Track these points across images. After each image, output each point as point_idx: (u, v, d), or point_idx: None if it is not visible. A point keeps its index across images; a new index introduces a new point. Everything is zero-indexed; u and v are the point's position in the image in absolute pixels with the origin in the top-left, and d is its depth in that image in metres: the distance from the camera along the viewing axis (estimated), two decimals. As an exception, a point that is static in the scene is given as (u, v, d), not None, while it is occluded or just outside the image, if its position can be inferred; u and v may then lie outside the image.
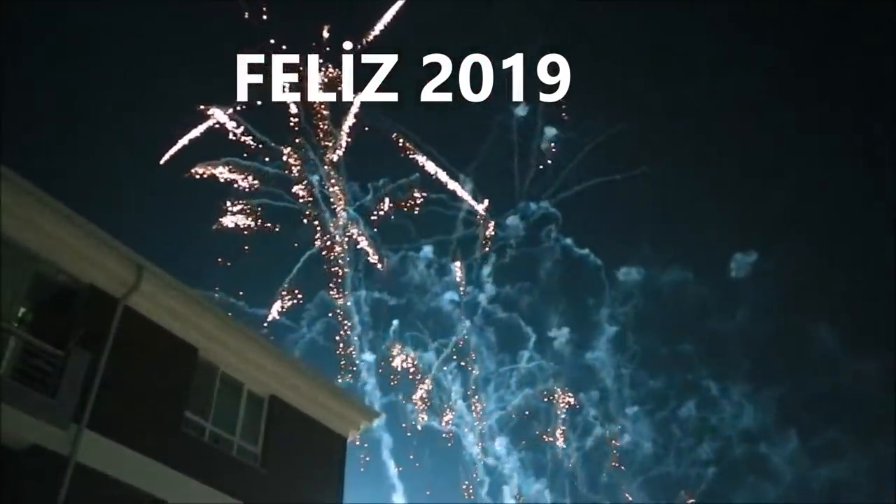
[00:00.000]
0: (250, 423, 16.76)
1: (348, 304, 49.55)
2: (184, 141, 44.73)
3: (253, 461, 16.33)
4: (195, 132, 44.87)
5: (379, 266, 50.52)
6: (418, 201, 49.69)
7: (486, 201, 51.60)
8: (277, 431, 17.05)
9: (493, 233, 52.62)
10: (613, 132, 52.24)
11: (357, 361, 49.03)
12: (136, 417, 14.19)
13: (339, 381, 43.70)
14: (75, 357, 13.27)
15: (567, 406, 51.38)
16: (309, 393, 18.23)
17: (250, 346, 17.30)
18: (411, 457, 49.39)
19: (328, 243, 48.98)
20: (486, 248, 52.80)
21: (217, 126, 45.32)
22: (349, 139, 48.24)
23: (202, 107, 44.89)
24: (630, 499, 51.16)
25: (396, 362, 49.32)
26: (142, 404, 14.41)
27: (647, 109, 56.51)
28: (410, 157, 48.75)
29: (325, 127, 48.12)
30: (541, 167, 54.11)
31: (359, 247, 49.69)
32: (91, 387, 13.47)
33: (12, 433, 12.33)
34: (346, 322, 49.37)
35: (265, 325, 46.79)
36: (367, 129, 48.13)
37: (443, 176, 49.28)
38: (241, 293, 45.95)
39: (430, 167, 49.01)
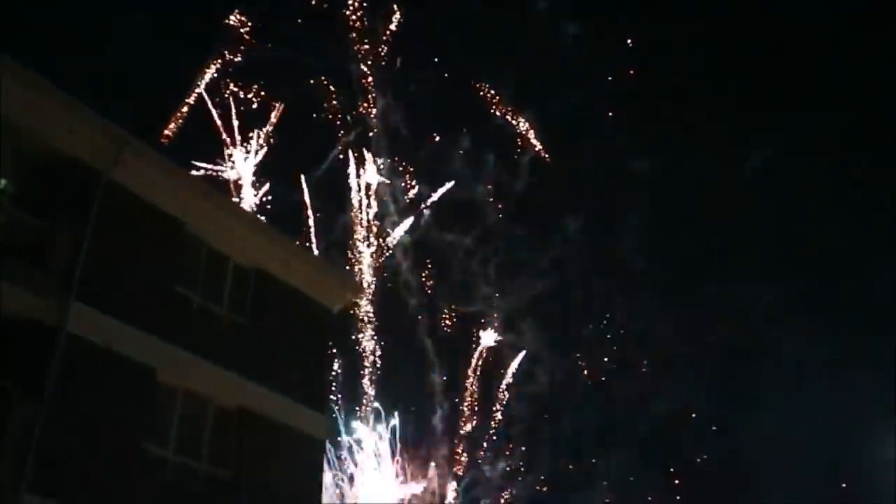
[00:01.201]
0: (237, 295, 17.05)
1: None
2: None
3: (241, 332, 16.74)
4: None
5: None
6: None
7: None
8: (264, 303, 17.39)
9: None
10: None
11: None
12: (125, 289, 14.42)
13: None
14: (61, 230, 13.35)
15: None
16: (294, 265, 18.49)
17: (236, 219, 17.44)
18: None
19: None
20: None
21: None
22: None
23: None
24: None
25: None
26: (130, 276, 14.61)
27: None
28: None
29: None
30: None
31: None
32: (78, 259, 13.63)
33: (3, 305, 12.56)
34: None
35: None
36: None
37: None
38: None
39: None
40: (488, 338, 49.67)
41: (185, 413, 15.05)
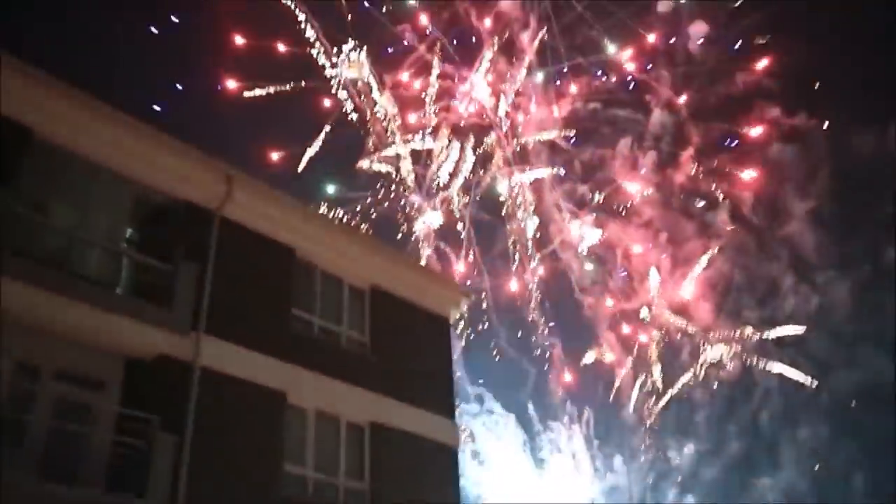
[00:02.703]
0: (355, 314, 17.47)
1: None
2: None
3: (362, 349, 17.14)
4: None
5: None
6: None
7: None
8: (382, 319, 17.75)
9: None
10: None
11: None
12: (248, 319, 15.03)
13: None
14: (183, 269, 14.03)
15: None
16: (407, 279, 18.84)
17: (345, 240, 17.89)
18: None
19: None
20: None
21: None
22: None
23: None
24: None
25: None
26: (251, 306, 15.21)
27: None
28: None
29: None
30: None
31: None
32: (202, 295, 14.29)
33: (138, 345, 13.33)
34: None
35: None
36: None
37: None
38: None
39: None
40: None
41: (318, 432, 15.51)
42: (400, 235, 46.68)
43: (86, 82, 13.98)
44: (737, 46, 48.77)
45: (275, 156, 46.13)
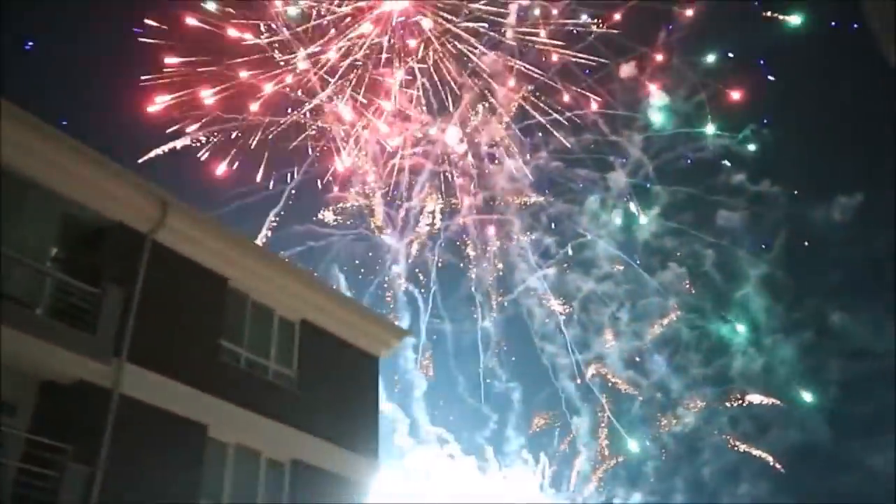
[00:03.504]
0: (284, 347, 17.22)
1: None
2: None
3: (289, 384, 16.86)
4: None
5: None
6: None
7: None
8: (310, 354, 17.52)
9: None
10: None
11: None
12: (174, 348, 14.66)
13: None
14: (110, 293, 13.64)
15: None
16: (338, 315, 18.64)
17: (278, 272, 17.65)
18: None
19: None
20: None
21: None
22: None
23: None
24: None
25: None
26: (177, 335, 14.85)
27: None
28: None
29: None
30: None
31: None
32: (127, 321, 13.89)
33: (57, 369, 12.86)
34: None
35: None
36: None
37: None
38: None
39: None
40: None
41: (237, 467, 15.12)
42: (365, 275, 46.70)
43: (23, 98, 13.63)
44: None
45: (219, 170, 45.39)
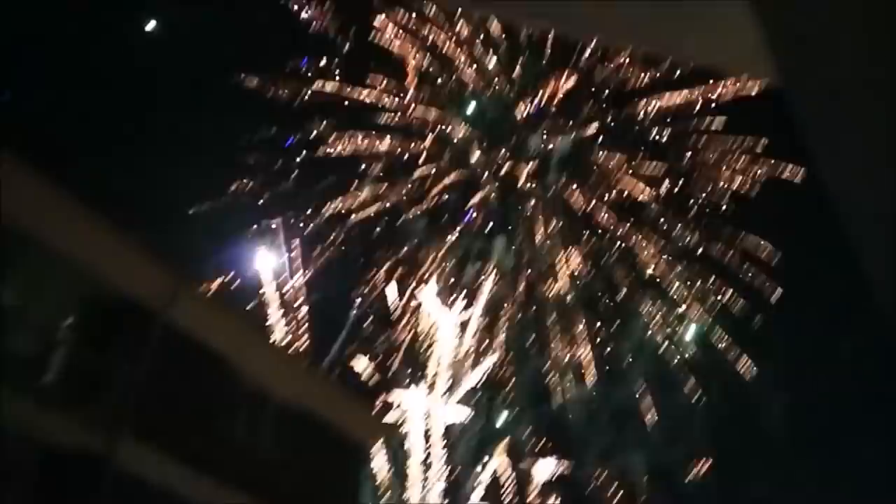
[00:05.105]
0: (278, 431, 17.42)
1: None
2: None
3: (279, 467, 17.01)
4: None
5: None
6: None
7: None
8: (302, 440, 17.72)
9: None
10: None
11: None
12: (173, 425, 14.92)
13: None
14: (117, 367, 14.06)
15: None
16: (335, 404, 18.96)
17: (279, 358, 18.09)
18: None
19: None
20: None
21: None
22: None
23: None
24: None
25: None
26: (178, 412, 15.13)
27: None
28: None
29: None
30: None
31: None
32: (128, 395, 14.25)
33: (57, 438, 13.15)
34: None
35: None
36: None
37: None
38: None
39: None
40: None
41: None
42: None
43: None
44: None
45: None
